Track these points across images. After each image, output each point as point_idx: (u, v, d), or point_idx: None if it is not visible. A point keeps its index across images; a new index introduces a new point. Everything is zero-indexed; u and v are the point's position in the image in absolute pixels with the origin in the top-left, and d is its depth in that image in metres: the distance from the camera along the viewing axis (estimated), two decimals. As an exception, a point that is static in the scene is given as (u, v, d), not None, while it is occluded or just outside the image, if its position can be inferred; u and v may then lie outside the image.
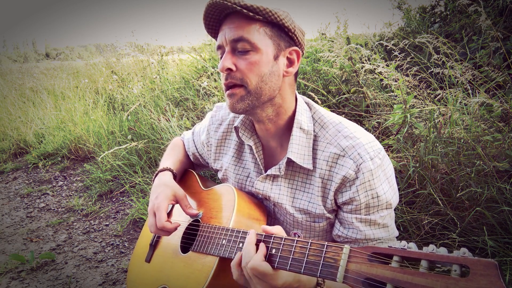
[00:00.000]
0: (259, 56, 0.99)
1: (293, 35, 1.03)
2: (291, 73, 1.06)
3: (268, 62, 1.01)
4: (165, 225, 1.11)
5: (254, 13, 0.96)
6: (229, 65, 0.99)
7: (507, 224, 1.72)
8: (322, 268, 0.74)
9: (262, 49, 0.99)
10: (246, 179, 1.23)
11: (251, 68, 0.99)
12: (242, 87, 1.02)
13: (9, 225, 3.17)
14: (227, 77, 1.01)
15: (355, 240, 1.04)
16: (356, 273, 0.66)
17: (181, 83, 4.75)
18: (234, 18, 0.99)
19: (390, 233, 1.06)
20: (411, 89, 2.64)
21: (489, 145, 2.00)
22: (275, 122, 1.10)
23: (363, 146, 1.00)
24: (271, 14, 0.97)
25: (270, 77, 1.02)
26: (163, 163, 1.39)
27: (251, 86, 1.01)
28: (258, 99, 1.03)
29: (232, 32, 0.98)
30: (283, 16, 1.00)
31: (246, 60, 0.99)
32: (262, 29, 0.99)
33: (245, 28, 0.97)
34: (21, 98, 6.53)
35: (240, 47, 0.98)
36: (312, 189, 1.08)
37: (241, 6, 0.95)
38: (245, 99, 1.02)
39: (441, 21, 3.93)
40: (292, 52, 1.05)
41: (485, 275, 0.50)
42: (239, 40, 0.98)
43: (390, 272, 0.61)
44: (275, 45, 1.01)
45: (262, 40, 0.99)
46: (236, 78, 1.01)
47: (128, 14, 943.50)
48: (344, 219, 1.05)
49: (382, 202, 1.01)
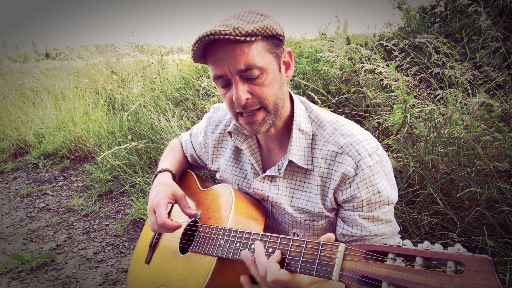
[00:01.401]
0: (269, 76, 0.97)
1: (282, 38, 1.01)
2: (290, 76, 1.06)
3: (276, 77, 1.00)
4: (166, 222, 1.10)
5: (255, 37, 0.92)
6: (246, 96, 0.96)
7: (507, 224, 1.72)
8: (318, 267, 0.74)
9: (268, 68, 0.96)
10: (243, 180, 1.24)
11: (267, 90, 0.97)
12: (261, 109, 1.00)
13: (9, 225, 3.17)
14: (245, 107, 0.98)
15: (361, 237, 1.04)
16: (352, 271, 0.66)
17: (181, 83, 4.76)
18: (230, 44, 0.92)
19: (394, 228, 1.06)
20: (411, 89, 2.64)
21: (489, 145, 2.00)
22: (276, 126, 1.11)
23: (361, 143, 1.00)
24: (268, 31, 0.94)
25: (281, 90, 1.02)
26: (162, 164, 1.40)
27: (270, 106, 1.00)
28: (276, 115, 1.03)
29: (237, 62, 0.92)
30: (274, 25, 0.96)
31: (260, 85, 0.96)
32: (261, 47, 0.95)
33: (249, 54, 0.92)
34: (21, 98, 6.54)
35: (249, 75, 0.94)
36: (311, 188, 1.08)
37: (243, 35, 0.90)
38: (267, 120, 1.02)
39: (441, 21, 3.93)
40: (285, 55, 1.04)
41: (479, 271, 0.50)
42: (248, 69, 0.93)
43: (385, 270, 0.61)
44: (275, 57, 1.00)
45: (265, 59, 0.96)
46: (254, 105, 0.98)
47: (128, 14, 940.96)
48: (347, 217, 1.05)
49: (384, 198, 1.01)
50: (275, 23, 0.99)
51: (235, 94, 0.95)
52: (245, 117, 1.01)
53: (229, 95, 0.99)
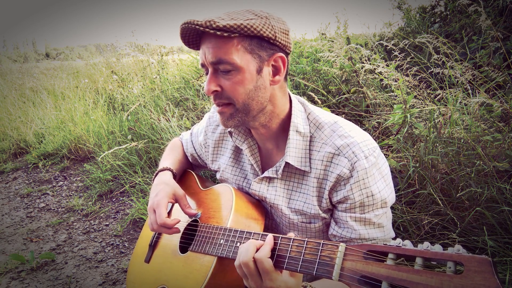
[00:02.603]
0: (241, 75, 0.97)
1: (274, 42, 0.98)
2: (278, 81, 1.04)
3: (252, 78, 0.99)
4: (165, 221, 1.10)
5: (229, 33, 0.93)
6: (214, 88, 1.00)
7: (507, 224, 1.72)
8: (318, 267, 0.74)
9: (243, 67, 0.96)
10: (243, 180, 1.23)
11: (236, 88, 0.98)
12: (230, 105, 1.02)
13: (9, 225, 3.17)
14: (215, 98, 1.02)
15: (349, 240, 1.03)
16: (352, 271, 0.66)
17: (181, 83, 4.76)
18: (211, 37, 0.96)
19: (386, 233, 1.05)
20: (411, 89, 2.64)
21: (489, 145, 2.00)
22: (269, 127, 1.10)
23: (358, 145, 1.00)
24: (246, 29, 0.93)
25: (256, 92, 1.01)
26: (163, 163, 1.40)
27: (238, 105, 1.01)
28: (247, 115, 1.03)
29: (210, 54, 0.96)
30: (261, 26, 0.94)
31: (230, 80, 0.98)
32: (240, 45, 0.95)
33: (222, 49, 0.94)
34: (21, 98, 6.55)
35: (221, 68, 0.97)
36: (307, 189, 1.08)
37: (213, 28, 0.91)
38: (235, 116, 1.03)
39: (441, 21, 3.93)
40: (277, 60, 1.01)
41: (479, 271, 0.50)
42: (219, 63, 0.96)
43: (385, 270, 0.61)
44: (256, 58, 0.98)
45: (242, 58, 0.96)
46: (223, 98, 1.01)
47: (128, 14, 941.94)
48: (339, 218, 1.05)
49: (377, 201, 1.00)
50: (267, 25, 0.96)
51: (205, 85, 1.01)
52: (218, 108, 1.04)
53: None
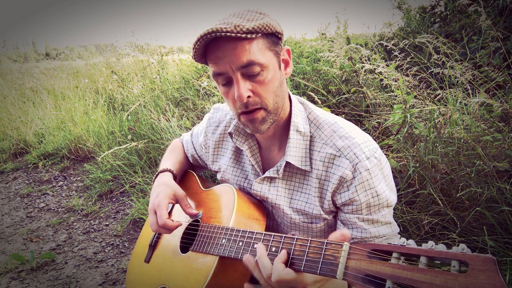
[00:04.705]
0: (269, 74, 0.97)
1: (280, 36, 1.01)
2: (289, 74, 1.06)
3: (276, 74, 0.99)
4: (166, 222, 1.10)
5: (256, 34, 0.92)
6: (248, 94, 0.96)
7: (507, 224, 1.72)
8: (322, 266, 0.74)
9: (269, 66, 0.96)
10: (244, 181, 1.23)
11: (268, 89, 0.97)
12: (261, 109, 1.00)
13: (9, 225, 3.17)
14: (247, 105, 0.98)
15: (361, 239, 1.03)
16: (356, 270, 0.66)
17: (181, 83, 4.75)
18: (232, 42, 0.92)
19: (393, 229, 1.06)
20: (411, 89, 2.64)
21: (489, 145, 2.00)
22: (274, 126, 1.10)
23: (359, 146, 1.00)
24: (268, 28, 0.94)
25: (281, 89, 1.01)
26: (163, 164, 1.40)
27: (270, 106, 1.00)
28: (277, 115, 1.03)
29: (238, 59, 0.92)
30: (272, 23, 0.96)
31: (260, 82, 0.96)
32: (261, 44, 0.95)
33: (250, 51, 0.92)
34: (21, 98, 6.54)
35: (250, 71, 0.94)
36: (309, 189, 1.08)
37: (244, 32, 0.90)
38: (267, 119, 1.01)
39: (441, 21, 3.94)
40: (284, 53, 1.04)
41: (483, 270, 0.51)
42: (249, 65, 0.93)
43: (390, 269, 0.61)
44: (275, 54, 0.99)
45: (266, 56, 0.96)
46: (255, 103, 0.98)
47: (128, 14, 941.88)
48: (347, 220, 1.04)
49: (383, 201, 1.00)
50: (274, 21, 0.99)
51: (237, 91, 0.95)
52: (247, 115, 1.01)
53: (231, 93, 0.99)
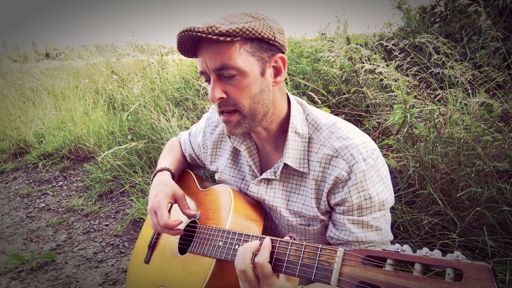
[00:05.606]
0: (246, 79, 0.95)
1: (274, 42, 0.98)
2: (279, 82, 1.03)
3: (257, 81, 0.97)
4: (168, 222, 1.10)
5: (232, 37, 0.91)
6: (219, 95, 0.97)
7: (507, 224, 1.72)
8: (316, 271, 0.73)
9: (247, 71, 0.95)
10: (241, 182, 1.23)
11: (242, 93, 0.97)
12: (236, 112, 1.00)
13: (9, 225, 3.17)
14: (220, 105, 0.99)
15: (346, 242, 1.02)
16: (350, 277, 0.65)
17: (181, 83, 4.75)
18: (211, 43, 0.93)
19: (383, 236, 1.04)
20: (411, 89, 2.63)
21: (489, 145, 2.00)
22: (269, 129, 1.09)
23: (357, 147, 0.99)
24: (248, 32, 0.92)
25: (261, 95, 0.99)
26: (161, 163, 1.39)
27: (245, 110, 0.99)
28: (253, 120, 1.02)
29: (213, 61, 0.94)
30: (261, 28, 0.94)
31: (235, 86, 0.96)
32: (243, 48, 0.94)
33: (225, 54, 0.92)
34: (21, 98, 6.55)
35: (225, 74, 0.94)
36: (305, 191, 1.07)
37: (216, 34, 0.89)
38: (242, 123, 1.01)
39: (441, 21, 3.93)
40: (277, 60, 1.01)
41: (478, 279, 0.50)
42: (223, 68, 0.93)
43: (384, 276, 0.60)
44: (259, 60, 0.97)
45: (245, 61, 0.94)
46: (229, 105, 0.98)
47: (128, 14, 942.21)
48: (337, 220, 1.04)
49: (375, 204, 0.99)
50: (266, 26, 0.95)
51: (210, 92, 0.97)
52: (223, 116, 1.02)
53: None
